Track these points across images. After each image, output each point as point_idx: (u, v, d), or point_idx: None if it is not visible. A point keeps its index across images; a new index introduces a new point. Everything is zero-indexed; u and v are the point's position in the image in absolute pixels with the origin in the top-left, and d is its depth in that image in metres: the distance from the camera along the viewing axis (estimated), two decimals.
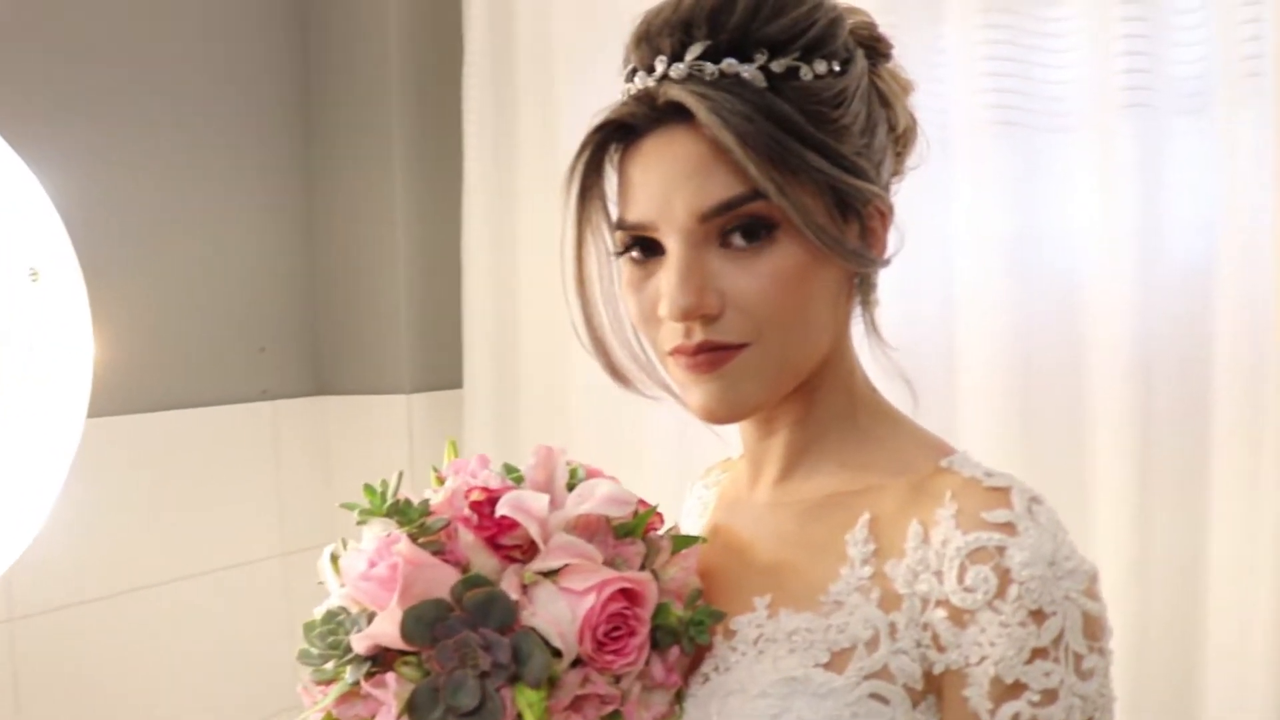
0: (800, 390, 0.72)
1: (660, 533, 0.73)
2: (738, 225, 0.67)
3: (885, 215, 0.72)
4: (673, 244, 0.67)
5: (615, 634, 0.66)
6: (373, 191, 1.96)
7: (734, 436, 0.85)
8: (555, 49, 1.75)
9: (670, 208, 0.67)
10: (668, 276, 0.67)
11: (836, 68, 0.68)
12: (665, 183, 0.67)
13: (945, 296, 1.41)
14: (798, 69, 0.67)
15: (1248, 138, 1.22)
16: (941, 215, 1.42)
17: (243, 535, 1.94)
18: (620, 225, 0.71)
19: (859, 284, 0.73)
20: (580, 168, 0.71)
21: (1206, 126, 1.27)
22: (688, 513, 0.90)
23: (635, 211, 0.70)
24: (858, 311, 0.75)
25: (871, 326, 0.75)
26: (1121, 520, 1.29)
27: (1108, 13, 1.29)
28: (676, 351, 0.69)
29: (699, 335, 0.67)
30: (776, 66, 0.66)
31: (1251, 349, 1.23)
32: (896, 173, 0.75)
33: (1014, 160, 1.38)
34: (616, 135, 0.71)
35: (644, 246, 0.70)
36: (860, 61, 0.71)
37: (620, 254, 0.72)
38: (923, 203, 1.41)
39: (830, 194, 0.67)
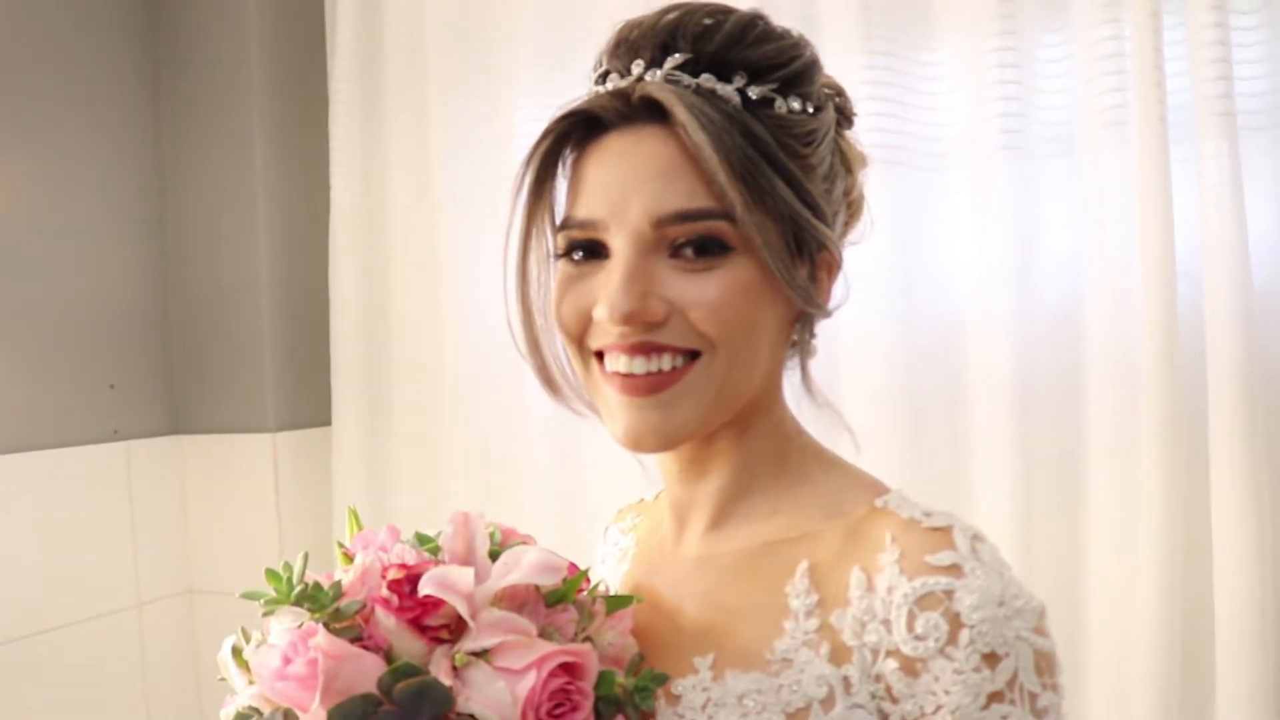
0: (731, 429, 0.70)
1: (588, 594, 0.70)
2: (691, 240, 0.65)
3: (834, 266, 0.71)
4: (620, 245, 0.65)
5: (558, 711, 0.62)
6: (232, 210, 1.85)
7: (604, 472, 0.82)
8: (427, 63, 1.69)
9: (625, 207, 0.65)
10: (609, 278, 0.65)
11: (810, 108, 0.68)
12: (625, 181, 0.65)
13: (828, 334, 1.43)
14: (774, 100, 0.66)
15: (1114, 180, 1.29)
16: None
17: (96, 586, 1.81)
18: (565, 224, 0.69)
19: (799, 329, 0.72)
20: (538, 158, 0.69)
21: (1076, 169, 1.33)
22: (603, 559, 0.87)
23: (585, 208, 0.67)
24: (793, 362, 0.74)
25: (806, 376, 0.74)
26: (1005, 541, 1.33)
27: (982, 60, 1.34)
28: (611, 350, 0.67)
29: (638, 337, 0.65)
30: (754, 92, 0.66)
31: (1122, 377, 1.29)
32: (841, 237, 0.75)
33: (893, 198, 1.42)
34: (579, 130, 0.69)
35: (587, 250, 0.68)
36: (830, 112, 0.71)
37: (560, 256, 0.69)
38: None
39: (790, 227, 0.66)
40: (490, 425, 1.66)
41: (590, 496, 1.56)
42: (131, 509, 1.87)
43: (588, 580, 0.71)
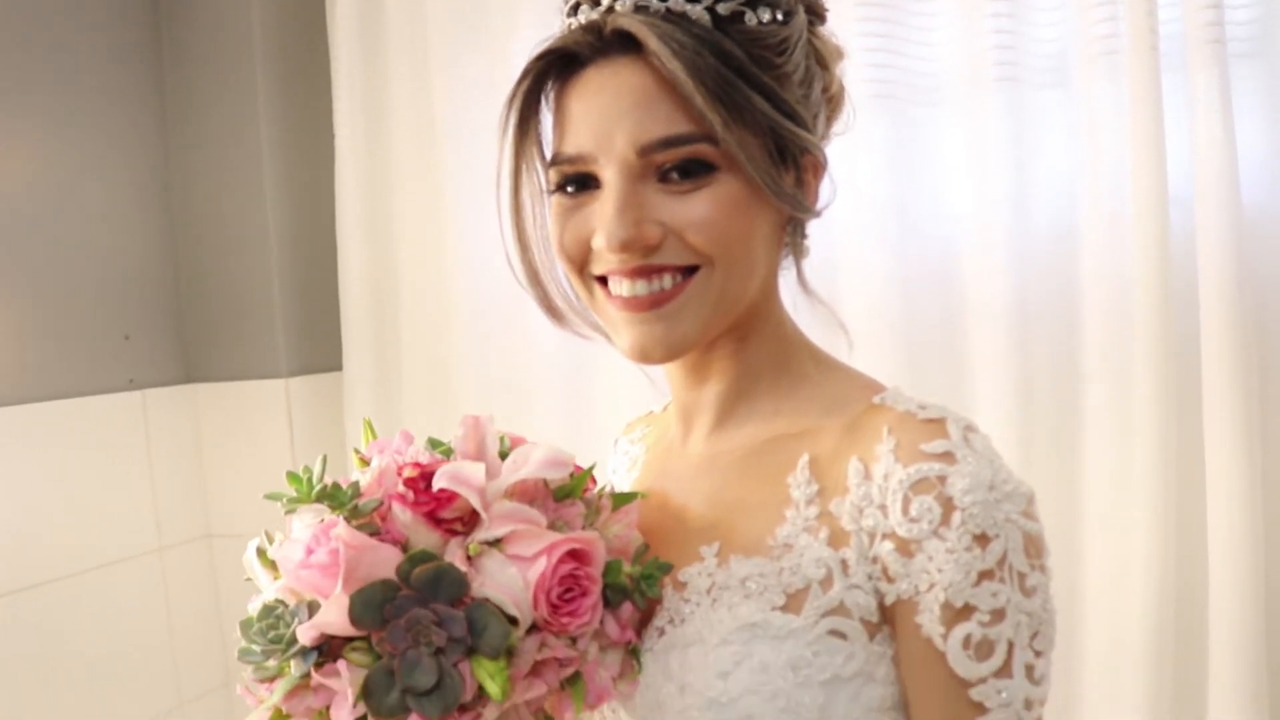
0: (731, 336, 0.74)
1: (597, 492, 0.74)
2: (676, 164, 0.68)
3: (820, 167, 0.74)
4: (610, 176, 0.68)
5: (568, 596, 0.66)
6: (238, 163, 1.87)
7: (610, 408, 0.87)
8: (427, 14, 1.71)
9: (610, 139, 0.67)
10: (603, 208, 0.68)
11: (780, 17, 0.69)
12: (606, 114, 0.68)
13: (827, 263, 1.46)
14: (743, 13, 0.68)
15: (1107, 109, 1.31)
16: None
17: (117, 532, 1.86)
18: (555, 159, 0.71)
19: (790, 233, 0.75)
20: (520, 97, 0.71)
21: (1069, 100, 1.35)
22: (614, 470, 0.90)
23: (573, 143, 0.70)
24: (786, 262, 0.77)
25: (801, 277, 0.77)
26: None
27: None
28: (613, 274, 0.69)
29: (637, 262, 0.68)
30: (723, 9, 0.67)
31: (1116, 302, 1.32)
32: (824, 136, 0.77)
33: (889, 133, 1.44)
34: (557, 66, 0.71)
35: (578, 183, 0.70)
36: (801, 16, 0.72)
37: (554, 191, 0.72)
38: None
39: (770, 138, 0.68)
40: (499, 362, 1.69)
41: (599, 426, 1.59)
42: (149, 456, 1.91)
43: (594, 480, 0.75)
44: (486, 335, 1.69)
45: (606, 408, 1.58)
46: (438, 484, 0.68)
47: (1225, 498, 1.27)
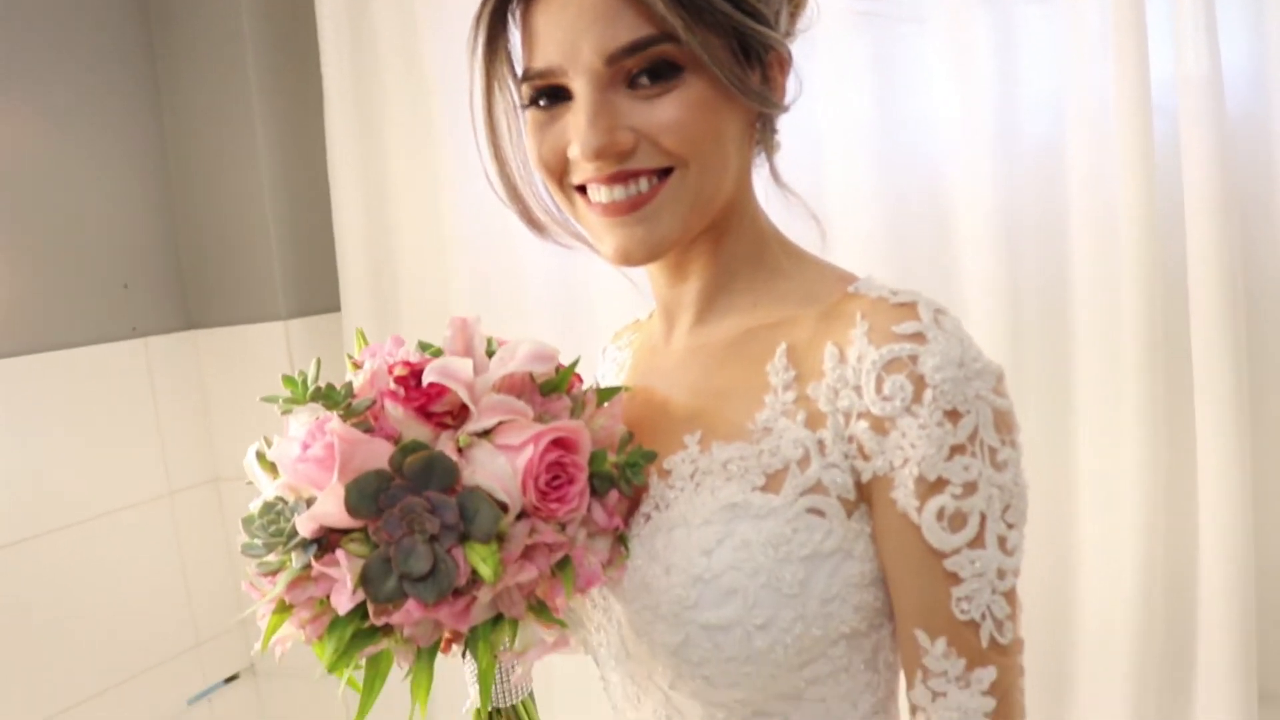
0: (709, 233, 0.75)
1: (583, 389, 0.76)
2: (644, 68, 0.69)
3: (785, 63, 0.75)
4: (580, 87, 0.69)
5: (556, 482, 0.69)
6: (229, 110, 1.88)
7: (608, 328, 0.89)
8: None
9: (577, 51, 0.68)
10: (576, 119, 0.69)
11: None
12: (572, 27, 0.69)
13: (814, 183, 1.47)
14: None
15: (1090, 21, 1.31)
16: (806, 105, 1.47)
17: (126, 478, 1.89)
18: (526, 75, 0.72)
19: (760, 129, 0.76)
20: (486, 17, 0.73)
21: (1053, 12, 1.35)
22: (603, 376, 0.92)
23: (541, 58, 0.71)
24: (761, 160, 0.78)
25: (774, 171, 0.78)
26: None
27: None
28: (591, 182, 0.71)
29: (613, 168, 0.69)
30: None
31: (1102, 213, 1.33)
32: (788, 34, 0.78)
33: (874, 50, 1.44)
34: None
35: (550, 96, 0.72)
36: None
37: (527, 106, 0.73)
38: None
39: (734, 37, 0.69)
40: (496, 293, 1.71)
41: (597, 349, 1.62)
42: (154, 402, 1.94)
43: (579, 377, 0.77)
44: (483, 268, 1.70)
45: (605, 327, 1.60)
46: (427, 379, 0.70)
47: (1210, 385, 1.28)
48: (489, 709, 0.88)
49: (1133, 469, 1.34)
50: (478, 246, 1.71)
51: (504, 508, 0.68)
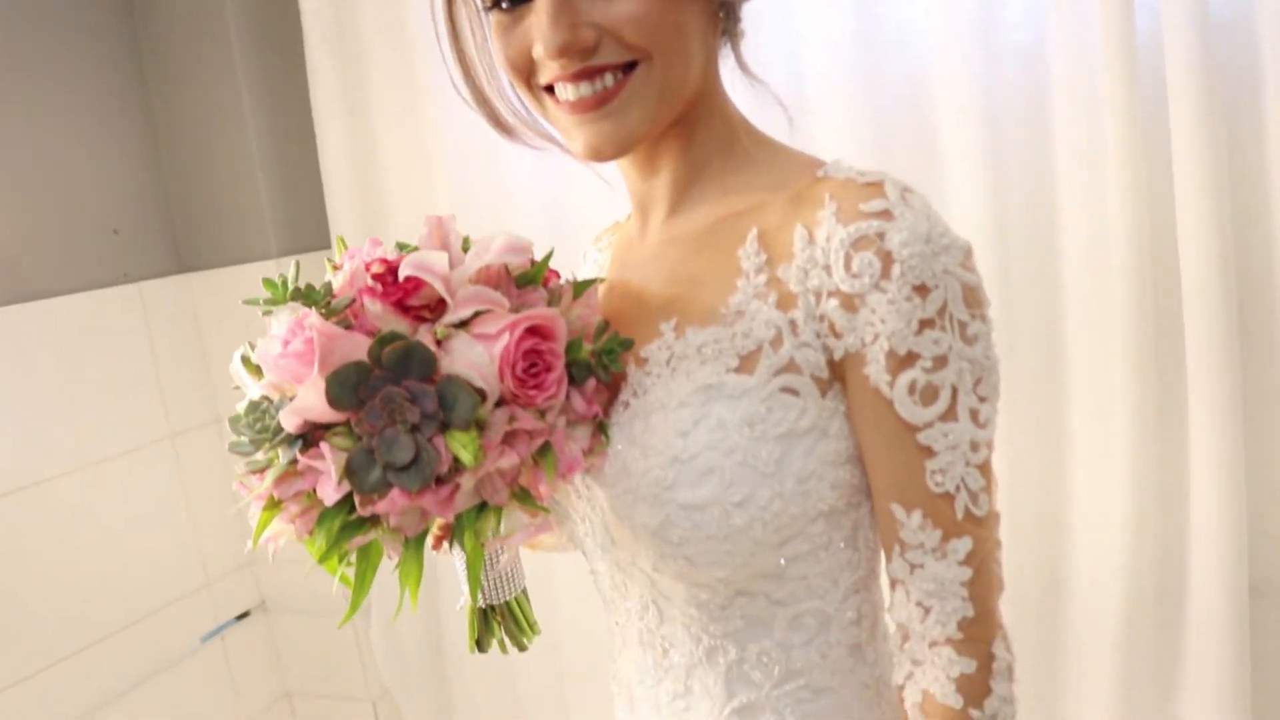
0: (678, 125, 0.75)
1: (559, 283, 0.76)
2: None
3: None
4: None
5: (533, 370, 0.70)
6: (210, 52, 1.87)
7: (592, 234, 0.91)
8: None
9: None
10: (538, 19, 0.69)
11: None
12: None
13: (796, 98, 1.47)
14: None
15: None
16: (785, 20, 1.47)
17: (128, 422, 1.91)
18: None
19: (724, 19, 0.76)
20: None
21: None
22: (583, 278, 0.93)
23: None
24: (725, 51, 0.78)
25: (740, 59, 0.78)
26: (984, 268, 1.40)
27: None
28: (558, 80, 0.71)
29: (577, 65, 0.69)
30: None
31: (1086, 119, 1.33)
32: None
33: None
34: None
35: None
36: None
37: (490, 9, 0.73)
38: (765, 6, 1.45)
39: None
40: (484, 216, 1.71)
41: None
42: (151, 346, 1.96)
43: (556, 273, 0.77)
44: (469, 190, 1.71)
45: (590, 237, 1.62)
46: (403, 272, 0.71)
47: (1197, 237, 1.30)
48: (483, 606, 0.90)
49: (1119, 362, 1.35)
50: (464, 177, 1.70)
51: (482, 395, 0.69)
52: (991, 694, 0.69)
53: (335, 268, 0.78)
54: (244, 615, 2.13)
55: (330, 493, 0.69)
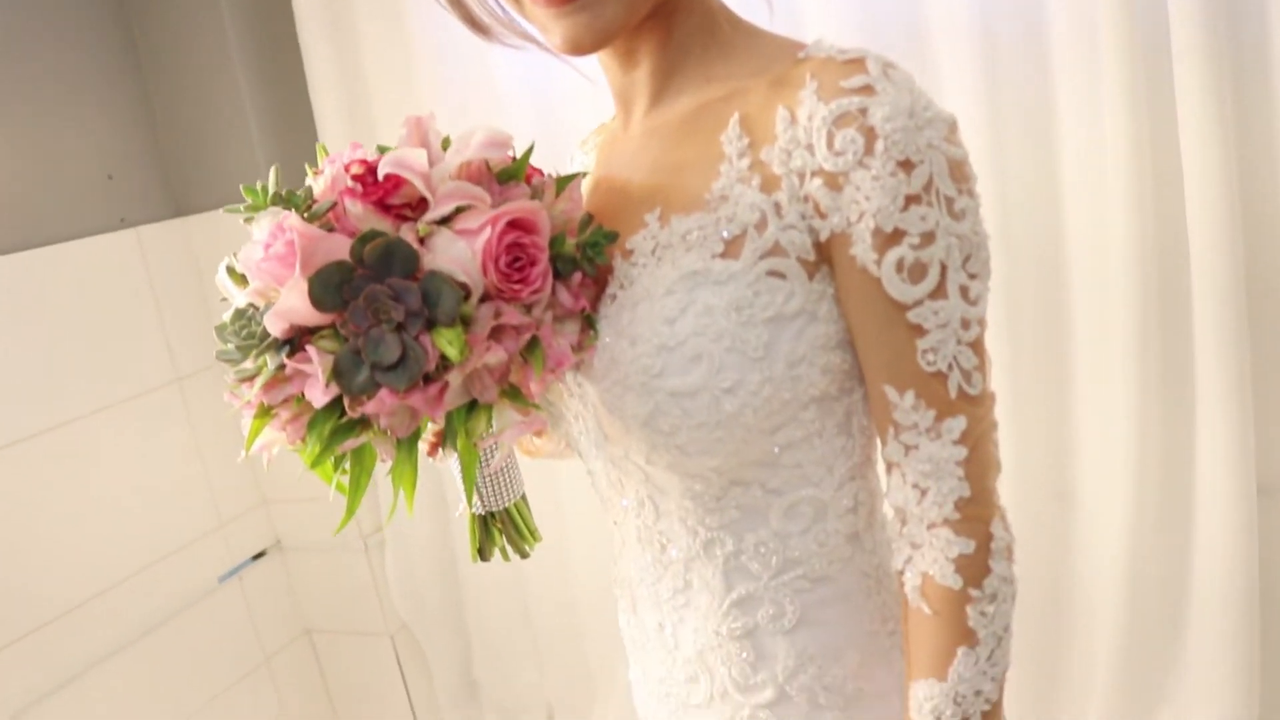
0: (656, 15, 0.73)
1: (542, 178, 0.75)
2: None
3: None
4: None
5: (517, 264, 0.69)
6: None
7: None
8: None
9: None
10: None
11: None
12: None
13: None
14: None
15: None
16: None
17: (133, 367, 1.92)
18: None
19: None
20: None
21: None
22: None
23: None
24: None
25: None
26: (982, 166, 1.39)
27: None
28: None
29: None
30: None
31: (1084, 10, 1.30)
32: None
33: None
34: None
35: None
36: None
37: None
38: None
39: None
40: (466, 102, 1.71)
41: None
42: (153, 291, 1.95)
43: (539, 170, 0.76)
44: (460, 109, 1.70)
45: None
46: (382, 171, 0.70)
47: (1199, 155, 1.28)
48: (482, 513, 0.90)
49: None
50: (458, 101, 1.69)
51: (466, 291, 0.68)
52: (991, 573, 0.69)
53: (316, 173, 0.77)
54: (260, 555, 2.15)
55: (319, 395, 0.69)
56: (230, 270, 0.78)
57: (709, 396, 0.68)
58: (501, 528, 0.91)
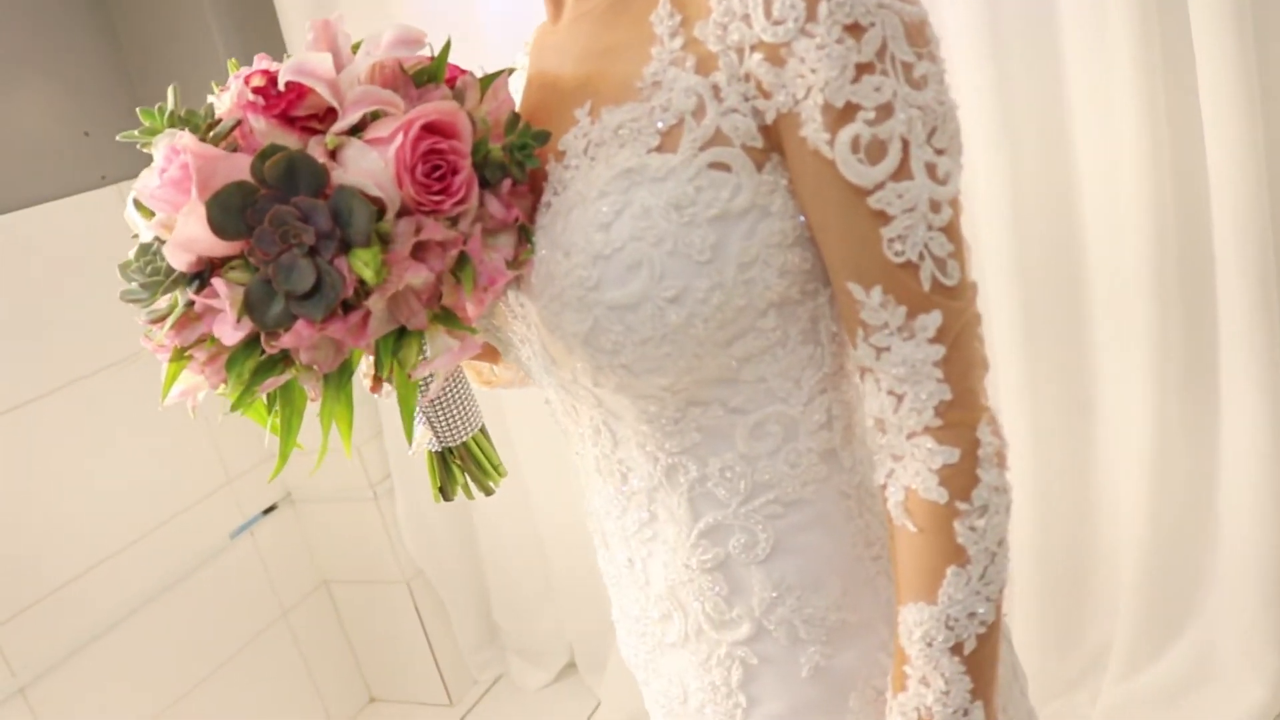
0: None
1: (464, 79, 0.68)
2: None
3: None
4: None
5: (437, 173, 0.62)
6: None
7: None
8: None
9: None
10: None
11: None
12: None
13: None
14: None
15: None
16: None
17: (128, 326, 1.86)
18: None
19: None
20: None
21: None
22: (515, 89, 0.84)
23: None
24: None
25: None
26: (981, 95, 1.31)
27: None
28: None
29: None
30: None
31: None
32: None
33: None
34: None
35: None
36: None
37: None
38: None
39: None
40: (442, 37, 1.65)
41: None
42: None
43: (460, 69, 0.69)
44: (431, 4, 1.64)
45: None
46: (283, 79, 0.63)
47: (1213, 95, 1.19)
48: (437, 450, 0.85)
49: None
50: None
51: (381, 206, 0.61)
52: (979, 483, 0.62)
53: (222, 89, 0.70)
54: (271, 509, 2.13)
55: (229, 332, 0.63)
56: (138, 204, 0.71)
57: (651, 308, 0.61)
58: (461, 464, 0.85)
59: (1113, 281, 1.41)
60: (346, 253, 0.62)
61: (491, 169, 0.65)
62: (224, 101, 0.68)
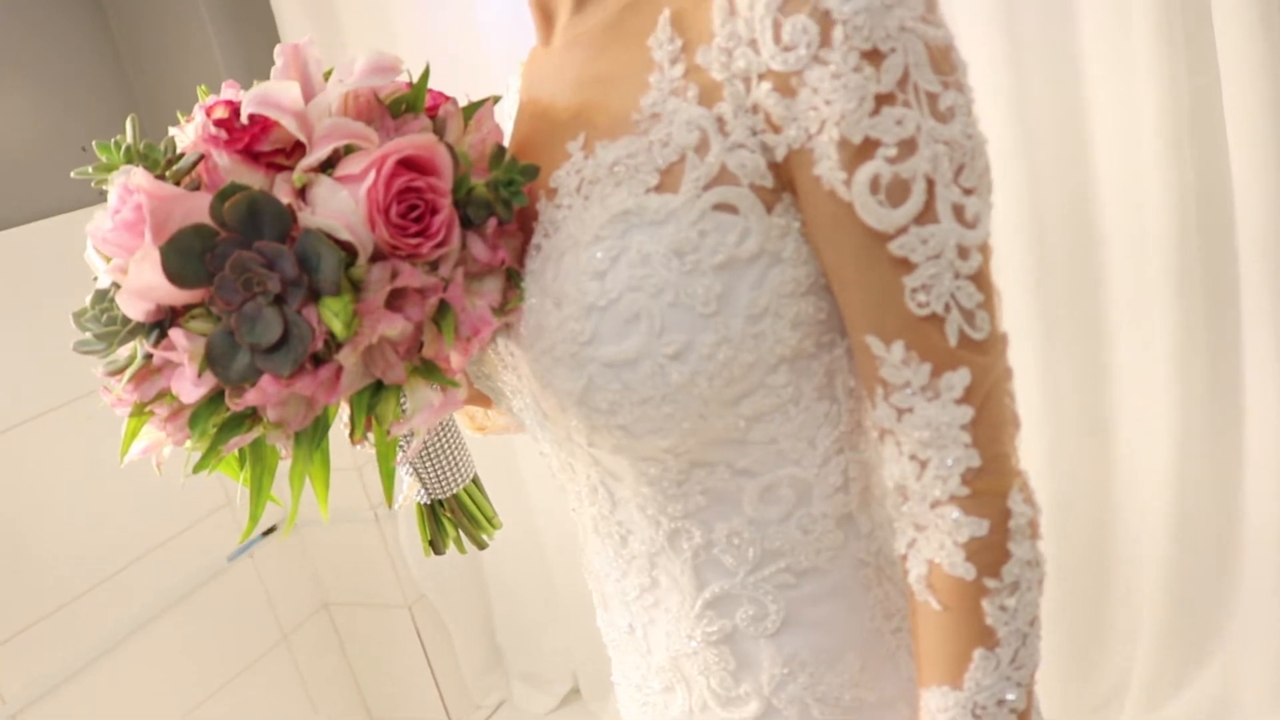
0: None
1: (447, 108, 0.62)
2: None
3: None
4: None
5: (414, 213, 0.56)
6: None
7: None
8: None
9: None
10: None
11: None
12: None
13: None
14: None
15: None
16: None
17: None
18: None
19: None
20: None
21: None
22: (507, 115, 0.79)
23: None
24: None
25: None
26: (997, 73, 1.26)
27: None
28: None
29: None
30: None
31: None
32: None
33: None
34: None
35: None
36: None
37: None
38: None
39: None
40: (444, 45, 1.60)
41: None
42: None
43: (444, 96, 0.63)
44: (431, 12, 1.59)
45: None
46: (246, 110, 0.58)
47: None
48: (427, 502, 0.79)
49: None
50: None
51: (352, 250, 0.56)
52: (1010, 559, 0.56)
53: (187, 119, 0.65)
54: (270, 530, 2.08)
55: (189, 388, 0.58)
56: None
57: (651, 365, 0.55)
58: (452, 516, 0.79)
59: (1135, 289, 1.36)
60: (316, 301, 0.56)
61: (475, 208, 0.59)
62: (187, 134, 0.63)
